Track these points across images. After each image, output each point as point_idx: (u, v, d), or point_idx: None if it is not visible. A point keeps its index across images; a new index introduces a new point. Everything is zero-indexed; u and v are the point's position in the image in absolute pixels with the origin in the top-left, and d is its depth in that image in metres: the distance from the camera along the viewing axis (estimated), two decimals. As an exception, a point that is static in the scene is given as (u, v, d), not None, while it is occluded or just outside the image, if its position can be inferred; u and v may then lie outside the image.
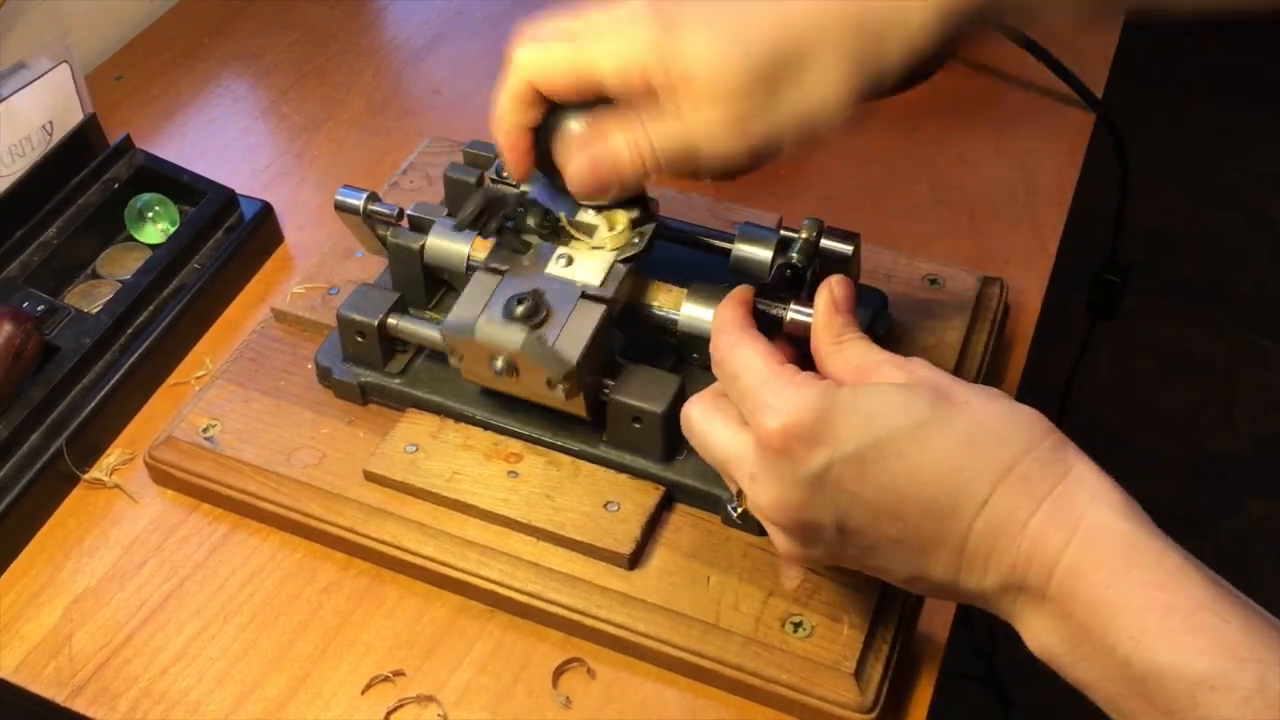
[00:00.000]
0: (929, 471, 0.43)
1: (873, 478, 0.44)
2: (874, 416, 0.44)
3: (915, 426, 0.44)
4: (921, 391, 0.45)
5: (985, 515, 0.43)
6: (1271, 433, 1.73)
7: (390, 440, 0.63)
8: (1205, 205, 2.04)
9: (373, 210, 0.64)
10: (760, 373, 0.47)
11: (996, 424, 0.44)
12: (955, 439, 0.44)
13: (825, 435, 0.44)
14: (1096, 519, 0.42)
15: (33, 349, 0.65)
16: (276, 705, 0.57)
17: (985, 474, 0.43)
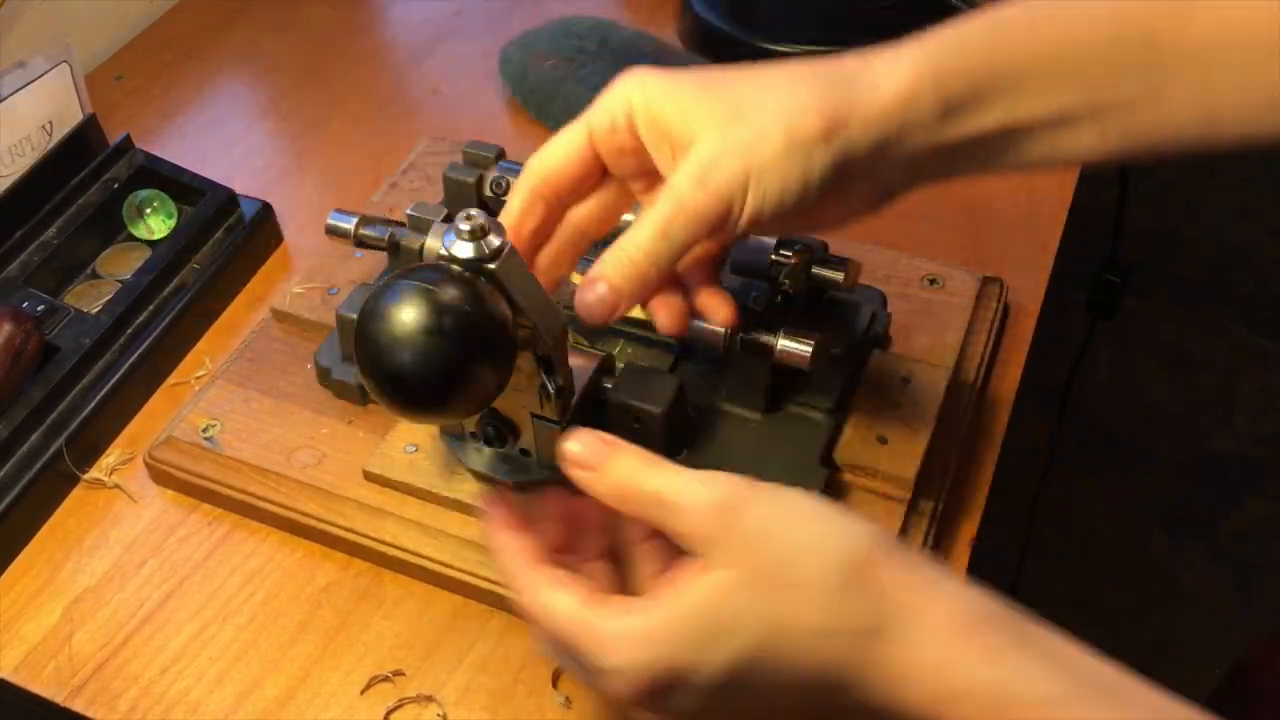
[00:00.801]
0: (788, 678, 0.41)
1: (740, 703, 0.42)
2: (716, 642, 0.41)
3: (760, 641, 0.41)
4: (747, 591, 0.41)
5: (858, 700, 0.41)
6: (1271, 433, 1.73)
7: (390, 440, 0.63)
8: (1205, 205, 2.04)
9: (364, 235, 0.65)
10: (575, 624, 0.42)
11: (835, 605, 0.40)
12: (804, 642, 0.41)
13: (677, 684, 0.41)
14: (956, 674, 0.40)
15: (33, 349, 0.65)
16: (276, 705, 0.57)
17: (838, 665, 0.40)
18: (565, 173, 0.50)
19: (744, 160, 0.45)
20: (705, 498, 0.42)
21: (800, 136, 0.45)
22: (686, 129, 0.46)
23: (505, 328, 0.48)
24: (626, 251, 0.47)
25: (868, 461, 0.61)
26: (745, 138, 0.45)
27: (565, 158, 0.50)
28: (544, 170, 0.50)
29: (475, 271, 0.48)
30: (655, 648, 0.41)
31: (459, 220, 0.48)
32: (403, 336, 0.45)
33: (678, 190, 0.46)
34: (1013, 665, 0.40)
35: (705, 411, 0.62)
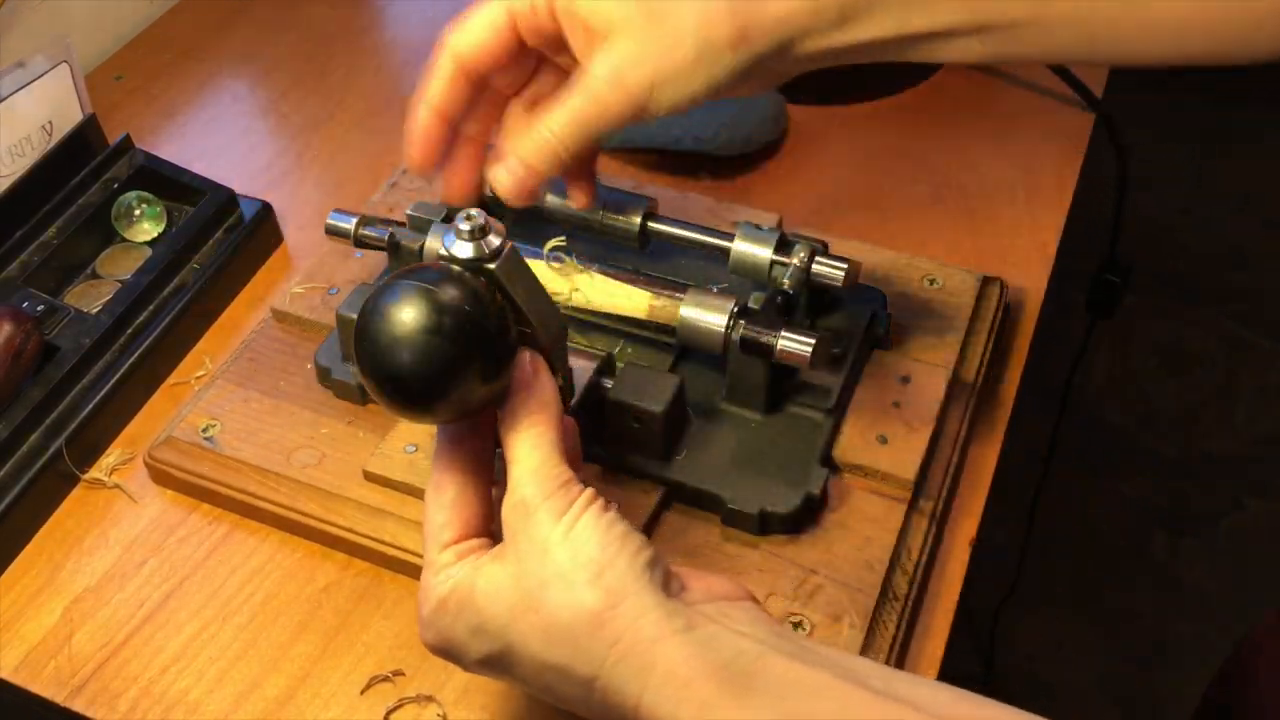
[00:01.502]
0: (533, 683, 0.44)
1: (505, 677, 0.45)
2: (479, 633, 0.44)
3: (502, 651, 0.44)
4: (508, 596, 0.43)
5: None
6: (1271, 433, 1.73)
7: (390, 440, 0.63)
8: (1205, 205, 2.04)
9: (364, 235, 0.65)
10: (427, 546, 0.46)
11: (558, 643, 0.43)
12: (533, 668, 0.44)
13: (451, 652, 0.46)
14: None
15: (33, 349, 0.65)
16: (276, 705, 0.57)
17: (572, 694, 0.43)
18: (487, 50, 0.51)
19: (657, 62, 0.49)
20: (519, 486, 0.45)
21: (711, 44, 0.48)
22: (602, 21, 0.49)
23: (505, 328, 0.48)
24: (541, 134, 0.50)
25: (868, 461, 0.61)
26: (660, 42, 0.48)
27: (486, 36, 0.51)
28: (465, 48, 0.51)
29: (475, 271, 0.48)
30: (440, 618, 0.45)
31: (459, 220, 0.48)
32: (403, 336, 0.45)
33: (595, 85, 0.49)
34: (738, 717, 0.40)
35: (705, 411, 0.62)
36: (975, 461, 0.65)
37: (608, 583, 0.42)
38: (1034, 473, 1.19)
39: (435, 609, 0.45)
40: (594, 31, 0.49)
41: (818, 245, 0.62)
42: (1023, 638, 1.45)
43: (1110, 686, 1.45)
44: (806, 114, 0.86)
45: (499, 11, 0.51)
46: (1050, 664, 1.45)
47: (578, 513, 0.44)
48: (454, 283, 0.47)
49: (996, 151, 0.83)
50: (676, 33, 0.48)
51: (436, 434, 0.49)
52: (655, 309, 0.61)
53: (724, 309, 0.59)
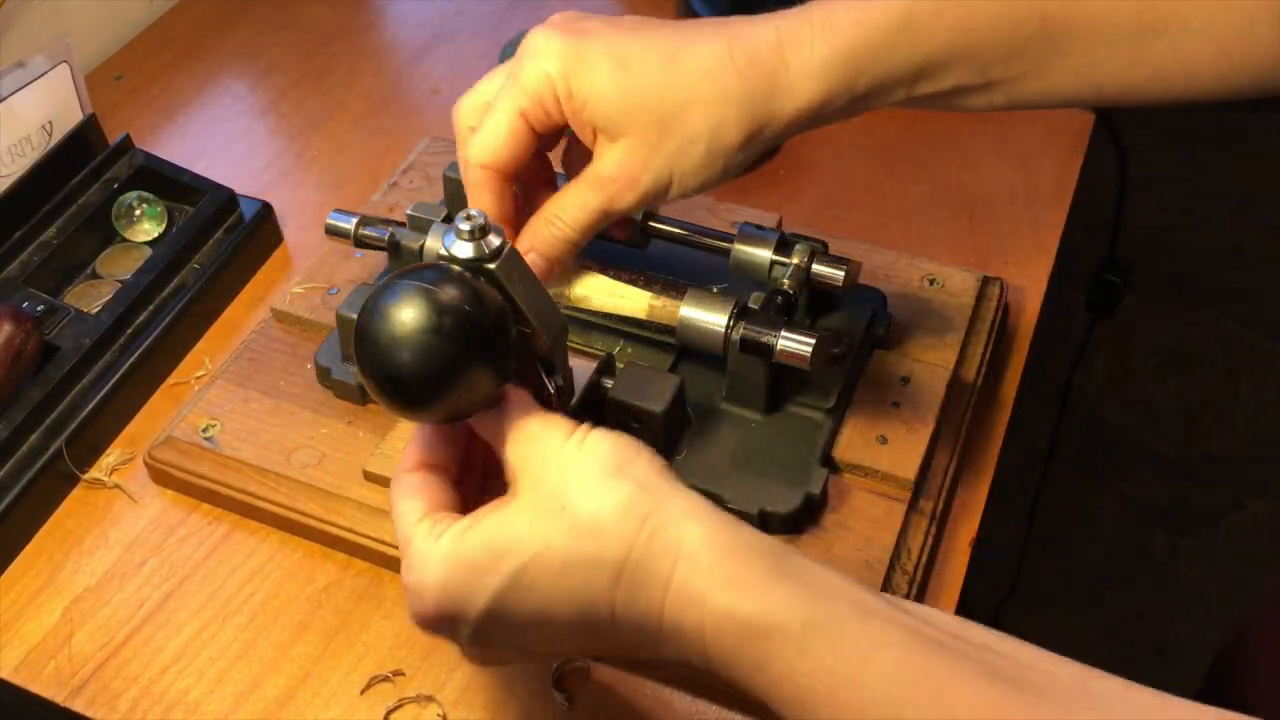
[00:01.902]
0: (554, 606, 0.43)
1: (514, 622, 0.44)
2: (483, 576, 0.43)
3: (523, 567, 0.43)
4: (524, 517, 0.44)
5: (623, 626, 0.43)
6: (1271, 432, 1.73)
7: (390, 440, 0.63)
8: (1204, 204, 2.04)
9: (364, 235, 0.65)
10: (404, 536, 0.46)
11: (588, 536, 0.43)
12: (558, 571, 0.43)
13: (452, 614, 0.44)
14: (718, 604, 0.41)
15: (33, 349, 0.65)
16: (276, 705, 0.57)
17: (598, 596, 0.43)
18: (509, 153, 0.53)
19: (669, 166, 0.51)
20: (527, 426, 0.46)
21: (723, 146, 0.51)
22: (612, 126, 0.51)
23: (505, 328, 0.48)
24: (560, 229, 0.53)
25: (868, 461, 0.61)
26: (671, 148, 0.50)
27: (504, 141, 0.52)
28: (489, 158, 0.53)
29: (475, 271, 0.48)
30: (445, 571, 0.44)
31: (459, 220, 0.48)
32: (403, 336, 0.45)
33: (609, 187, 0.52)
34: (769, 595, 0.40)
35: (705, 411, 0.62)
36: (975, 461, 0.65)
37: (632, 474, 0.43)
38: (1034, 473, 1.19)
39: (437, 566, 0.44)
40: (604, 130, 0.51)
41: (818, 245, 0.62)
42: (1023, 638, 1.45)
43: (1110, 686, 1.44)
44: (806, 114, 0.86)
45: (511, 114, 0.52)
46: (1050, 664, 1.45)
47: (586, 430, 0.45)
48: (454, 283, 0.47)
49: (996, 151, 0.83)
50: (687, 139, 0.50)
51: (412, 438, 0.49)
52: (655, 309, 0.61)
53: (724, 309, 0.59)
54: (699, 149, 0.50)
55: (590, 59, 0.50)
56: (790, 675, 0.40)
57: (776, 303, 0.60)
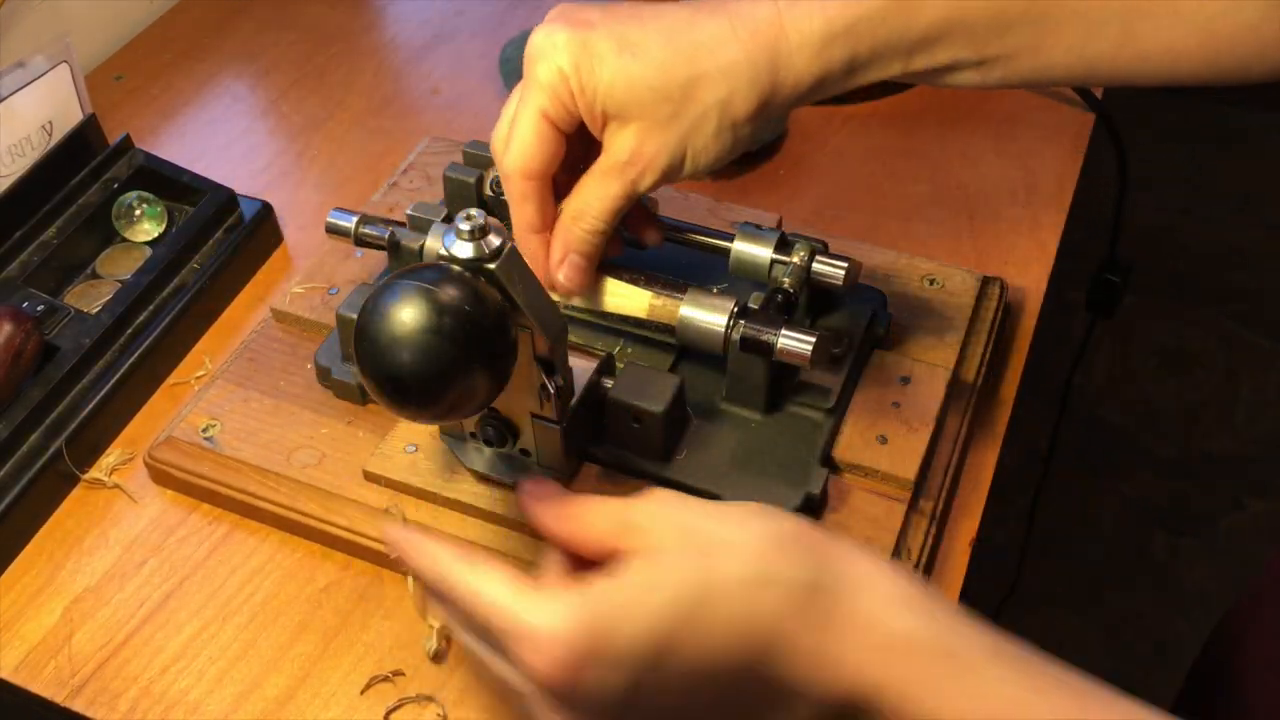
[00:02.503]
0: (718, 637, 0.39)
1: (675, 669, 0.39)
2: (643, 604, 0.39)
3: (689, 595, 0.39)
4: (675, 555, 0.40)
5: (785, 655, 0.40)
6: (1271, 432, 1.73)
7: (390, 440, 0.63)
8: (1204, 204, 2.04)
9: (364, 234, 0.65)
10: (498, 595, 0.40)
11: (769, 560, 0.40)
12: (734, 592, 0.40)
13: (602, 649, 0.38)
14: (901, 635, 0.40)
15: (33, 349, 0.65)
16: (276, 705, 0.57)
17: (768, 615, 0.40)
18: (543, 158, 0.54)
19: (683, 143, 0.52)
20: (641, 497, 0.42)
21: (733, 121, 0.52)
22: (623, 111, 0.52)
23: (505, 328, 0.48)
24: (588, 224, 0.55)
25: (868, 461, 0.61)
26: (683, 126, 0.52)
27: (536, 147, 0.53)
28: (525, 164, 0.54)
29: (475, 271, 0.48)
30: (580, 609, 0.39)
31: (459, 220, 0.48)
32: (403, 336, 0.45)
33: (628, 172, 0.53)
34: (952, 627, 0.40)
35: (705, 411, 0.62)
36: (975, 461, 0.65)
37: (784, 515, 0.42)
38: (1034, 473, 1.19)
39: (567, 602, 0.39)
40: (614, 115, 0.52)
41: (818, 245, 0.62)
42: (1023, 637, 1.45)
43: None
44: (806, 114, 0.86)
45: (534, 117, 0.53)
46: (1050, 664, 1.45)
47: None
48: (454, 283, 0.47)
49: (996, 151, 0.83)
50: (699, 115, 0.51)
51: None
52: (655, 309, 0.61)
53: (724, 309, 0.59)
54: (710, 123, 0.52)
55: (596, 49, 0.51)
56: (968, 697, 0.39)
57: (776, 302, 0.60)
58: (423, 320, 0.45)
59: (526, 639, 0.39)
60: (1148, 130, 2.13)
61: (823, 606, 0.40)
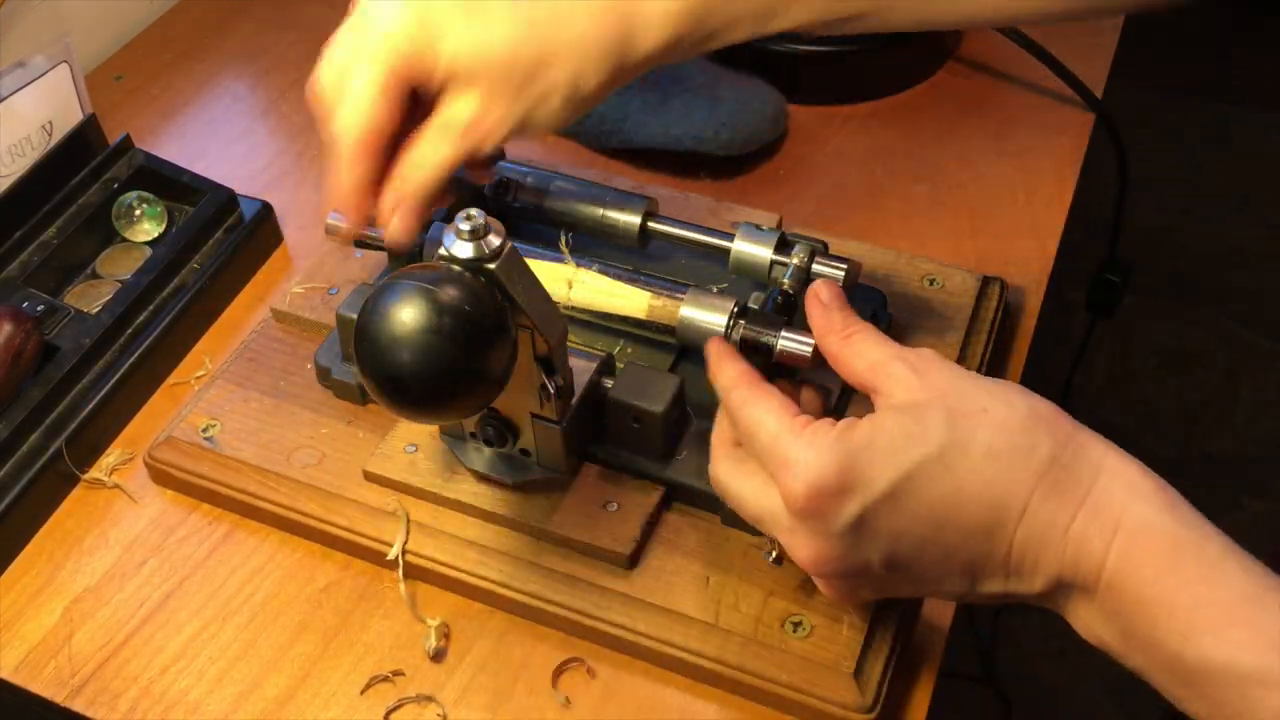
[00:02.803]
0: (963, 493, 0.44)
1: (910, 511, 0.45)
2: (896, 450, 0.45)
3: (940, 453, 0.44)
4: (936, 412, 0.45)
5: (1025, 526, 0.44)
6: (1271, 432, 1.73)
7: (390, 440, 0.63)
8: (1204, 204, 2.04)
9: (365, 236, 0.65)
10: (774, 429, 0.48)
11: (1017, 432, 0.45)
12: (980, 457, 0.44)
13: (853, 484, 0.45)
14: (1135, 517, 0.43)
15: (33, 349, 0.65)
16: (276, 705, 0.57)
17: (1017, 487, 0.44)
18: (391, 117, 0.52)
19: (524, 114, 0.51)
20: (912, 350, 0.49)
21: (580, 97, 0.51)
22: (467, 75, 0.50)
23: (505, 328, 0.48)
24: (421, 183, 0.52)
25: (868, 461, 0.61)
26: (528, 99, 0.51)
27: (388, 111, 0.51)
28: (371, 131, 0.51)
29: (475, 271, 0.48)
30: (838, 450, 0.45)
31: (459, 220, 0.48)
32: (403, 336, 0.45)
33: (469, 136, 0.51)
34: (1190, 522, 0.43)
35: (705, 411, 0.62)
36: (975, 461, 0.65)
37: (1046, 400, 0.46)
38: (1034, 473, 1.19)
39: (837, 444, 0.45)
40: (455, 79, 0.51)
41: (818, 245, 0.62)
42: (1023, 638, 1.45)
43: (1111, 688, 1.45)
44: (806, 114, 0.86)
45: (382, 79, 0.51)
46: (1050, 664, 1.45)
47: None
48: (454, 283, 0.47)
49: (996, 151, 0.83)
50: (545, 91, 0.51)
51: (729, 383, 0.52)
52: (655, 309, 0.61)
53: (724, 309, 0.59)
54: (557, 97, 0.51)
55: (440, 6, 0.50)
56: (1204, 583, 0.41)
57: (777, 302, 0.60)
58: (423, 320, 0.45)
59: (787, 469, 0.46)
60: (1148, 130, 2.13)
61: (1064, 483, 0.44)
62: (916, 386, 0.47)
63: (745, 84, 0.82)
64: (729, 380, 0.52)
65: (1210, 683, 0.41)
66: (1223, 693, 0.41)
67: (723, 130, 0.79)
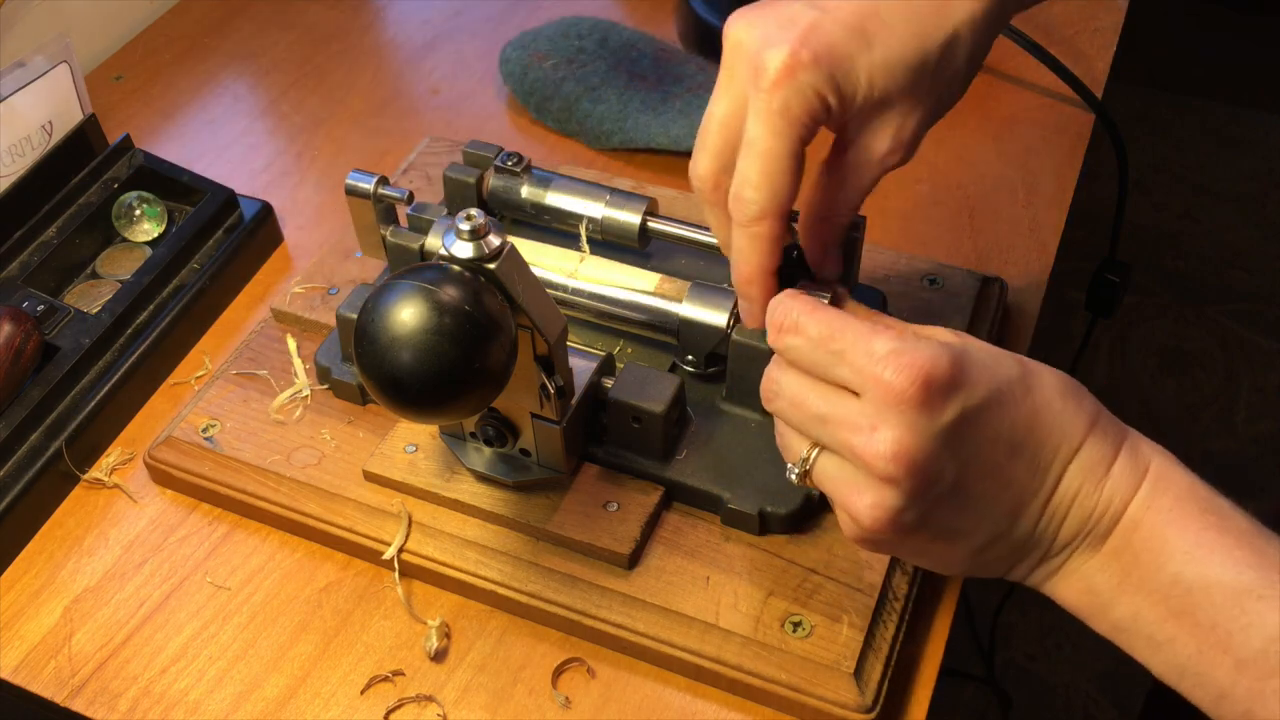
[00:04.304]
0: (1037, 420, 0.46)
1: (993, 427, 0.45)
2: (990, 365, 0.46)
3: (1021, 377, 0.46)
4: (1004, 352, 0.47)
5: (1078, 461, 0.46)
6: (1271, 433, 1.73)
7: (390, 440, 0.63)
8: (1204, 204, 2.04)
9: (383, 194, 0.63)
10: (874, 334, 0.45)
11: (1072, 385, 0.47)
12: (1049, 392, 0.46)
13: (961, 382, 0.44)
14: (1162, 465, 0.47)
15: (33, 349, 0.65)
16: (276, 705, 0.57)
17: (1078, 425, 0.46)
18: (794, 191, 0.50)
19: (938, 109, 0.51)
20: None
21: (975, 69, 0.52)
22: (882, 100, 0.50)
23: (505, 328, 0.48)
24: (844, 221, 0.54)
25: (868, 461, 0.61)
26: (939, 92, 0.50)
27: (794, 182, 0.50)
28: (783, 207, 0.50)
29: (475, 271, 0.48)
30: (950, 343, 0.46)
31: (459, 220, 0.48)
32: (402, 336, 0.45)
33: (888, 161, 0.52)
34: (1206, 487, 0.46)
35: (705, 411, 0.62)
36: (975, 461, 0.65)
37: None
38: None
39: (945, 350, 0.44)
40: (868, 111, 0.50)
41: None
42: (1023, 638, 1.45)
43: (1110, 686, 1.45)
44: (806, 114, 0.86)
45: (793, 150, 0.49)
46: (1050, 664, 1.45)
47: None
48: (454, 283, 0.47)
49: (996, 151, 0.83)
50: (951, 77, 0.50)
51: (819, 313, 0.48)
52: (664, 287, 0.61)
53: (725, 307, 0.59)
54: (960, 79, 0.51)
55: (842, 51, 0.48)
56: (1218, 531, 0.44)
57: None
58: (423, 320, 0.45)
59: (897, 356, 0.44)
60: (1148, 130, 2.14)
61: (1109, 430, 0.47)
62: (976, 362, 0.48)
63: (745, 84, 0.82)
64: (803, 307, 0.48)
65: (1207, 601, 0.43)
66: (1218, 610, 0.43)
67: (723, 130, 0.79)
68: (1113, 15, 0.93)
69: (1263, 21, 2.21)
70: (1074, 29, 0.92)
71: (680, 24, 0.93)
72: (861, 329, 0.46)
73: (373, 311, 0.47)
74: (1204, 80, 2.19)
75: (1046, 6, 0.94)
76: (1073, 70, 0.83)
